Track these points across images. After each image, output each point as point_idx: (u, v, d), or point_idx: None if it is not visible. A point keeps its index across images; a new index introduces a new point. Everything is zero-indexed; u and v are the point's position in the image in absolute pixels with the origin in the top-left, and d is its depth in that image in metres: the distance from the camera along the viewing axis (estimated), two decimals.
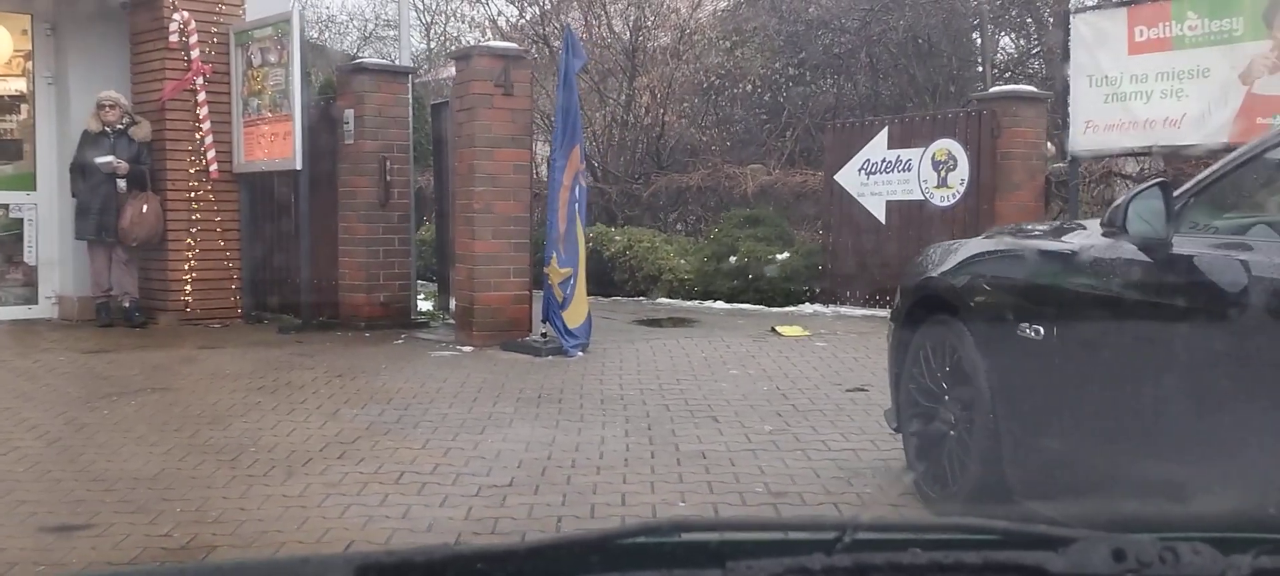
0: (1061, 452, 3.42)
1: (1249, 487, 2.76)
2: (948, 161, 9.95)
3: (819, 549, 0.97)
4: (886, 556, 0.97)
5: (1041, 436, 3.50)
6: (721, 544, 1.02)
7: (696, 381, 6.72)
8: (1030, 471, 3.57)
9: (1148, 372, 3.10)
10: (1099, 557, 0.96)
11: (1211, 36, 8.37)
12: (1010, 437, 3.62)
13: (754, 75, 14.09)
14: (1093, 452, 3.30)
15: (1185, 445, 2.98)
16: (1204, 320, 2.93)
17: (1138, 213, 3.01)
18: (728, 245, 11.48)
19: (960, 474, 3.90)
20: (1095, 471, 3.30)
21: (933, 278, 4.16)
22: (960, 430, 3.92)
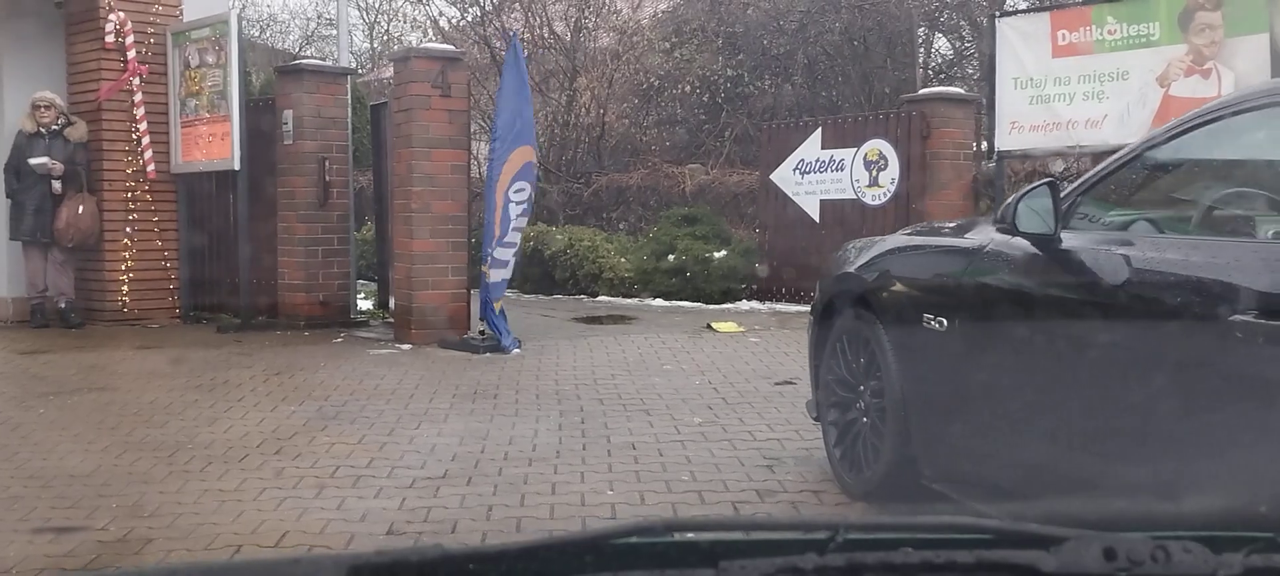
0: (965, 437, 3.62)
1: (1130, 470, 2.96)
2: (879, 161, 10.20)
3: (811, 548, 0.98)
4: (879, 555, 0.98)
5: (947, 422, 3.69)
6: (714, 544, 1.02)
7: (631, 376, 6.88)
8: (938, 456, 3.76)
9: (1039, 361, 3.30)
10: (1091, 556, 0.96)
11: (1130, 40, 8.67)
12: (918, 424, 3.81)
13: (693, 76, 14.28)
14: (992, 437, 3.49)
15: (1073, 430, 3.18)
16: (1089, 311, 3.13)
17: (1027, 210, 3.21)
18: (667, 244, 11.66)
19: (873, 459, 4.08)
20: (995, 457, 3.49)
21: (848, 273, 4.34)
22: (873, 418, 4.11)
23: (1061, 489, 3.18)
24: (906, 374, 3.86)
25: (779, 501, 4.22)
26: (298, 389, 6.47)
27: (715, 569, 0.96)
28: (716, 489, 4.39)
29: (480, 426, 5.48)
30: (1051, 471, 3.23)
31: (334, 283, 9.28)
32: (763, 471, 4.65)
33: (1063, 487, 3.18)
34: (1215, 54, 8.18)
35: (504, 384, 6.60)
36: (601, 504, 4.19)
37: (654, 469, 4.69)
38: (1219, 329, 2.62)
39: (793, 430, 5.32)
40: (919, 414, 3.80)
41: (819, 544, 0.99)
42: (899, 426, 3.90)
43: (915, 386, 3.82)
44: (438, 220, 8.14)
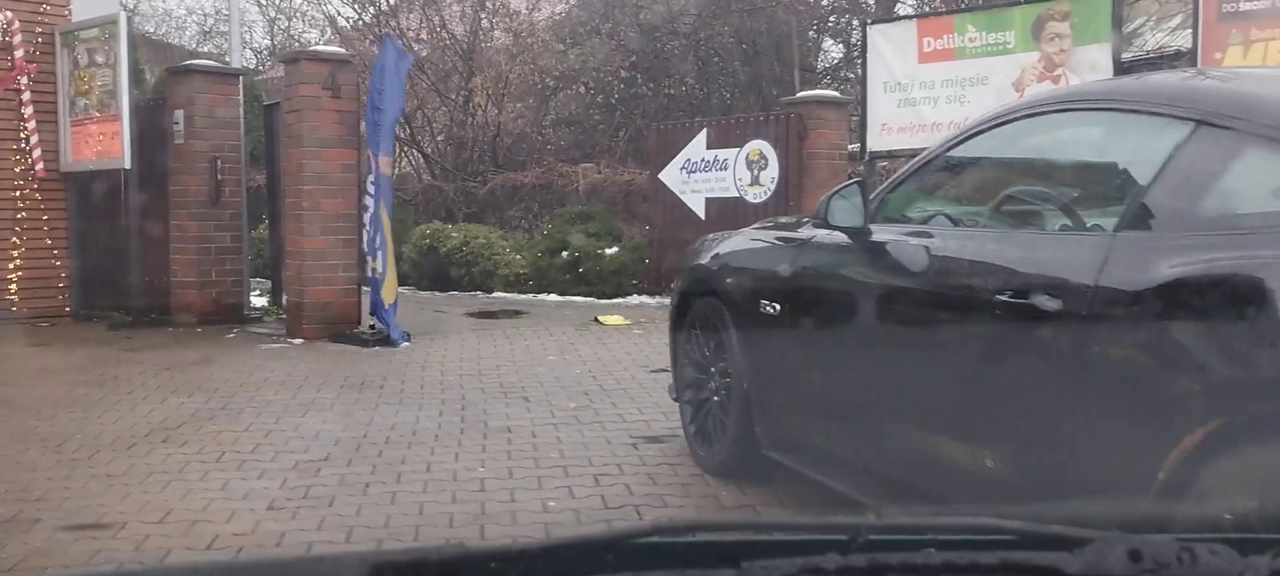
0: (795, 410, 4.01)
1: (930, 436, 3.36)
2: (760, 161, 10.66)
3: (833, 549, 0.98)
4: (901, 556, 0.97)
5: (780, 397, 4.08)
6: (735, 544, 1.02)
7: (515, 367, 7.19)
8: (774, 427, 4.14)
9: (852, 341, 3.70)
10: (1115, 558, 0.96)
11: (989, 47, 9.25)
12: (757, 400, 4.19)
13: (588, 77, 14.62)
14: (817, 410, 3.89)
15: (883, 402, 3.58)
16: (894, 295, 3.53)
17: (838, 207, 3.61)
18: (560, 241, 11.98)
19: (722, 434, 4.46)
20: (820, 427, 3.89)
21: (701, 265, 4.72)
22: (722, 397, 4.49)
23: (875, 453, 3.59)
24: (748, 355, 4.25)
25: (637, 474, 4.57)
26: (187, 383, 6.65)
27: (737, 569, 0.96)
28: (581, 465, 4.73)
29: (364, 414, 5.75)
30: (866, 438, 3.63)
31: (227, 280, 9.41)
32: (627, 448, 5.01)
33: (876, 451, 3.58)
34: (1064, 61, 8.79)
35: (391, 375, 6.86)
36: (472, 479, 4.50)
37: (525, 449, 5.01)
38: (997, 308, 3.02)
39: (661, 413, 5.68)
40: (758, 390, 4.19)
41: (841, 544, 0.99)
42: (742, 403, 4.28)
43: (754, 366, 4.21)
44: (328, 218, 8.35)
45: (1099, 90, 3.45)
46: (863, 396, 3.63)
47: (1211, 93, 2.76)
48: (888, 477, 3.51)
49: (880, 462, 3.57)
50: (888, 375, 3.51)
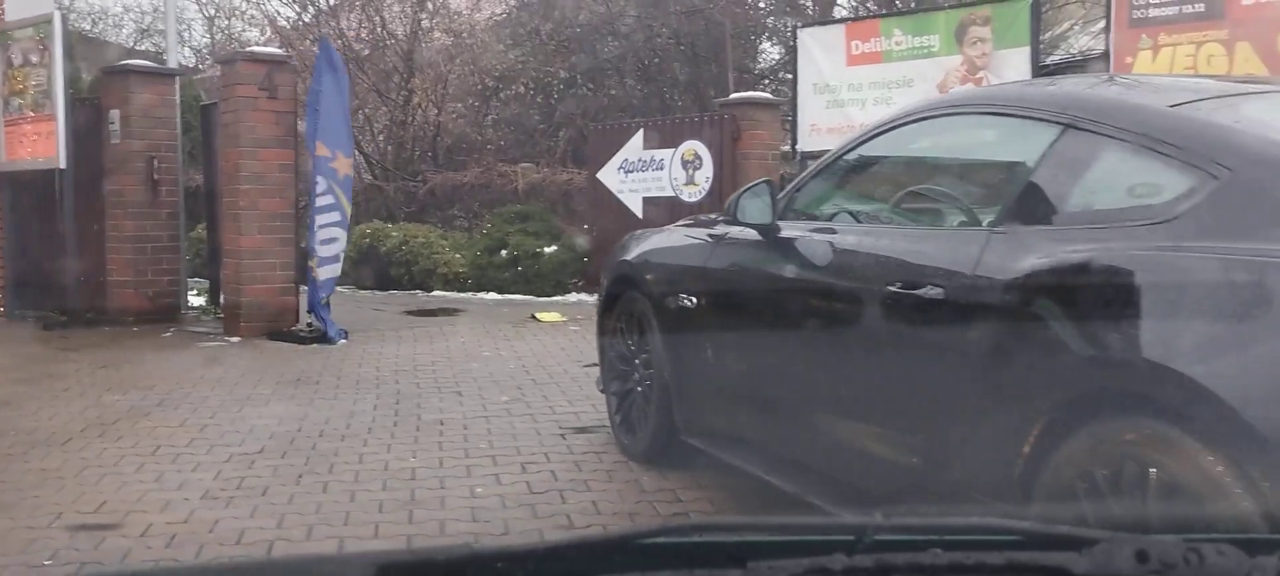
0: (712, 398, 4.21)
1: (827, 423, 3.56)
2: (695, 161, 10.87)
3: (840, 549, 0.98)
4: (908, 557, 0.97)
5: (697, 387, 4.28)
6: (742, 544, 1.02)
7: (450, 363, 7.33)
8: (693, 415, 4.34)
9: (762, 331, 3.91)
10: (1123, 559, 0.95)
11: (914, 51, 9.54)
12: (677, 390, 4.38)
13: (528, 77, 14.76)
14: (731, 397, 4.09)
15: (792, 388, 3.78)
16: (801, 287, 3.74)
17: (748, 205, 3.81)
18: (499, 240, 12.12)
19: (644, 423, 4.65)
20: (734, 413, 4.09)
21: (626, 261, 4.90)
22: (645, 387, 4.68)
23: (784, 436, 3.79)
24: (668, 347, 4.44)
25: (563, 462, 4.75)
26: (123, 380, 6.71)
27: (743, 569, 0.96)
28: (510, 454, 4.89)
29: (299, 409, 5.86)
30: (775, 423, 3.83)
31: (164, 279, 9.44)
32: (555, 438, 5.18)
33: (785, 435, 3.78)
34: (986, 64, 9.10)
35: (327, 371, 6.97)
36: (403, 469, 4.65)
37: (456, 440, 5.16)
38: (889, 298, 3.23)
39: (590, 405, 5.85)
40: (677, 380, 4.38)
41: (847, 544, 0.99)
42: (663, 392, 4.47)
43: (674, 357, 4.40)
44: (266, 217, 8.43)
45: (983, 95, 3.69)
46: (771, 383, 3.83)
47: (1077, 98, 2.99)
48: (795, 459, 3.71)
49: (788, 445, 3.77)
50: (793, 362, 3.72)
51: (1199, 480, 2.18)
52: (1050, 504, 2.53)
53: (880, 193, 3.81)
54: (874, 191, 3.85)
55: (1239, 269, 2.24)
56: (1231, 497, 2.12)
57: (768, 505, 3.93)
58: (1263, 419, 2.08)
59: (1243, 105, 2.70)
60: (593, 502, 4.21)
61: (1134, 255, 2.47)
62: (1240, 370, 2.15)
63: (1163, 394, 2.28)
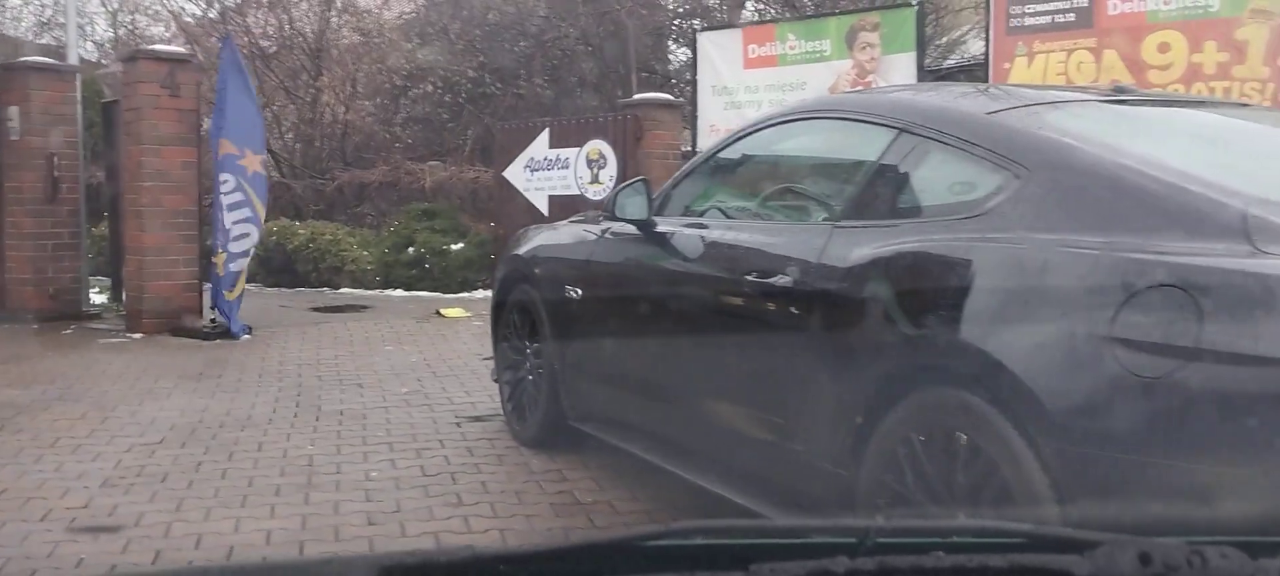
0: (595, 384, 4.47)
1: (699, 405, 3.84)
2: (599, 160, 11.12)
3: (842, 552, 0.98)
4: (910, 559, 0.97)
5: (582, 374, 4.53)
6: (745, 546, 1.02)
7: (353, 357, 7.49)
8: (578, 400, 4.59)
9: (638, 320, 4.17)
10: (1126, 561, 0.95)
11: (807, 55, 9.91)
12: (563, 377, 4.63)
13: (436, 76, 14.87)
14: (612, 383, 4.35)
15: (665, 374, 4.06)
16: (675, 279, 4.00)
17: (625, 202, 4.08)
18: (406, 237, 12.24)
19: (534, 409, 4.89)
20: (615, 398, 4.35)
21: (517, 255, 5.14)
22: (534, 375, 4.92)
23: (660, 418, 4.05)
24: (555, 336, 4.68)
25: (457, 447, 4.97)
26: (22, 376, 6.75)
27: (746, 571, 0.96)
28: (406, 441, 5.10)
29: (201, 401, 5.99)
30: (652, 406, 4.10)
31: (65, 276, 9.40)
32: (450, 426, 5.40)
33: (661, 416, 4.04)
34: (875, 69, 9.50)
35: (230, 366, 7.08)
36: (301, 455, 4.83)
37: (355, 429, 5.35)
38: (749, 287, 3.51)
39: (487, 395, 6.07)
40: (564, 368, 4.63)
41: (850, 547, 0.99)
42: (551, 380, 4.72)
43: (561, 346, 4.65)
44: (169, 214, 8.48)
45: (834, 102, 4.01)
46: (648, 368, 4.10)
47: (909, 105, 3.31)
48: (671, 439, 3.98)
49: (665, 426, 4.04)
50: (667, 349, 3.99)
51: (993, 442, 2.50)
52: (877, 467, 2.83)
53: (745, 190, 4.09)
54: (740, 189, 4.13)
55: (1029, 256, 2.56)
56: (1019, 457, 2.43)
57: (647, 483, 4.21)
58: (1044, 387, 2.40)
59: (1048, 113, 3.03)
60: (482, 483, 4.44)
61: (948, 246, 2.79)
62: (1026, 345, 2.47)
63: (966, 367, 2.59)
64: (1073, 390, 2.35)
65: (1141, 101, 3.32)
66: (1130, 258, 2.34)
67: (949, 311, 2.68)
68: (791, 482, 3.24)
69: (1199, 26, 8.01)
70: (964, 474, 2.59)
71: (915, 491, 2.70)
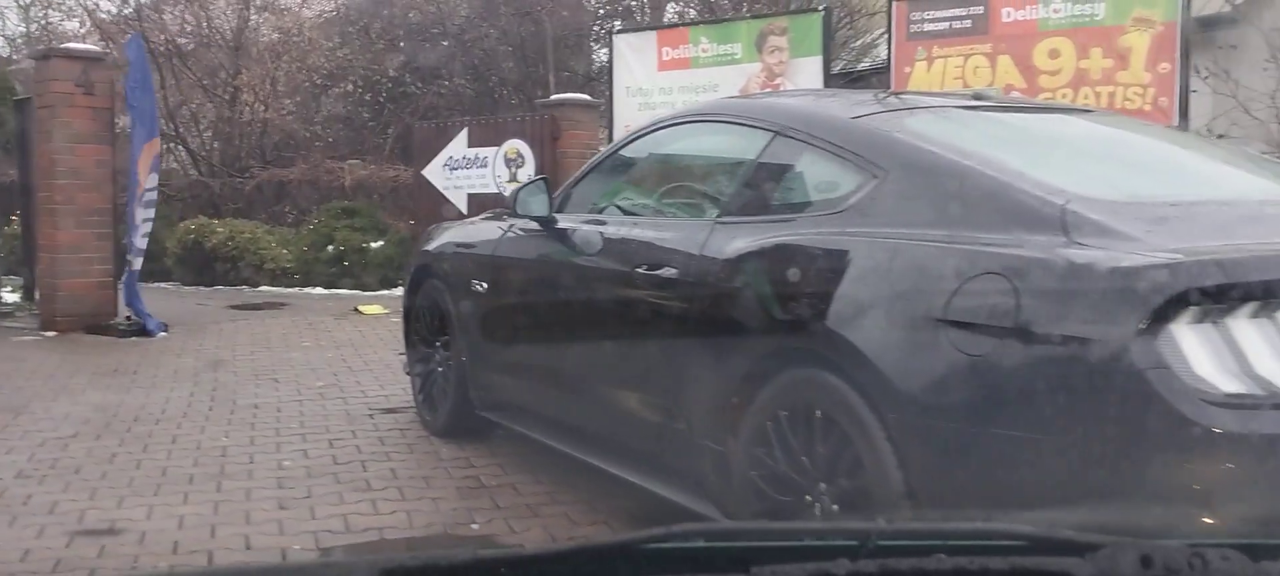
0: (500, 374, 4.67)
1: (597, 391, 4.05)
2: (517, 159, 11.30)
3: (843, 554, 0.98)
4: (912, 562, 0.97)
5: (488, 364, 4.73)
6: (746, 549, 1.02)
7: (270, 353, 7.59)
8: (485, 390, 4.78)
9: (541, 313, 4.39)
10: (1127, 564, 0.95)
11: (718, 58, 10.18)
12: (471, 368, 4.82)
13: (356, 75, 14.92)
14: (515, 373, 4.56)
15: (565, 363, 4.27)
16: (576, 272, 4.22)
17: (528, 199, 4.29)
18: (326, 235, 12.30)
19: (444, 399, 5.08)
20: (519, 388, 4.55)
21: (428, 251, 5.32)
22: (444, 367, 5.11)
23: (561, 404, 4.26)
24: (463, 328, 4.87)
25: (369, 438, 5.14)
26: None
27: (747, 573, 0.96)
28: (319, 432, 5.25)
29: (115, 397, 6.06)
30: (554, 393, 4.32)
31: None
32: (364, 418, 5.56)
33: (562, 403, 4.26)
34: (783, 72, 9.80)
35: (145, 362, 7.15)
36: (215, 447, 4.96)
37: (269, 421, 5.48)
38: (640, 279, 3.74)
39: (400, 389, 6.22)
40: (471, 359, 4.82)
41: (851, 549, 0.99)
42: (459, 371, 4.91)
43: (468, 337, 4.83)
44: (83, 212, 8.49)
45: (721, 106, 4.26)
46: (549, 358, 4.32)
47: (785, 109, 3.57)
48: (572, 424, 4.20)
49: (566, 412, 4.25)
50: (567, 339, 4.21)
51: (847, 417, 2.75)
52: (749, 442, 3.08)
53: (640, 188, 4.32)
54: (636, 187, 4.36)
55: (880, 249, 2.82)
56: (868, 429, 2.69)
57: (551, 467, 4.41)
58: (890, 366, 2.66)
59: (906, 118, 3.30)
60: (392, 470, 4.61)
61: (811, 239, 3.05)
62: (875, 328, 2.73)
63: (824, 348, 2.85)
64: (914, 368, 2.62)
65: (994, 107, 3.62)
66: (962, 249, 2.61)
67: (810, 299, 2.93)
68: (677, 459, 3.48)
69: (1086, 34, 8.43)
70: (823, 445, 2.84)
71: (782, 462, 2.95)
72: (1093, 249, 2.42)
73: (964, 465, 2.50)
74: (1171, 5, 8.14)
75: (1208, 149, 3.55)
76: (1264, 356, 2.22)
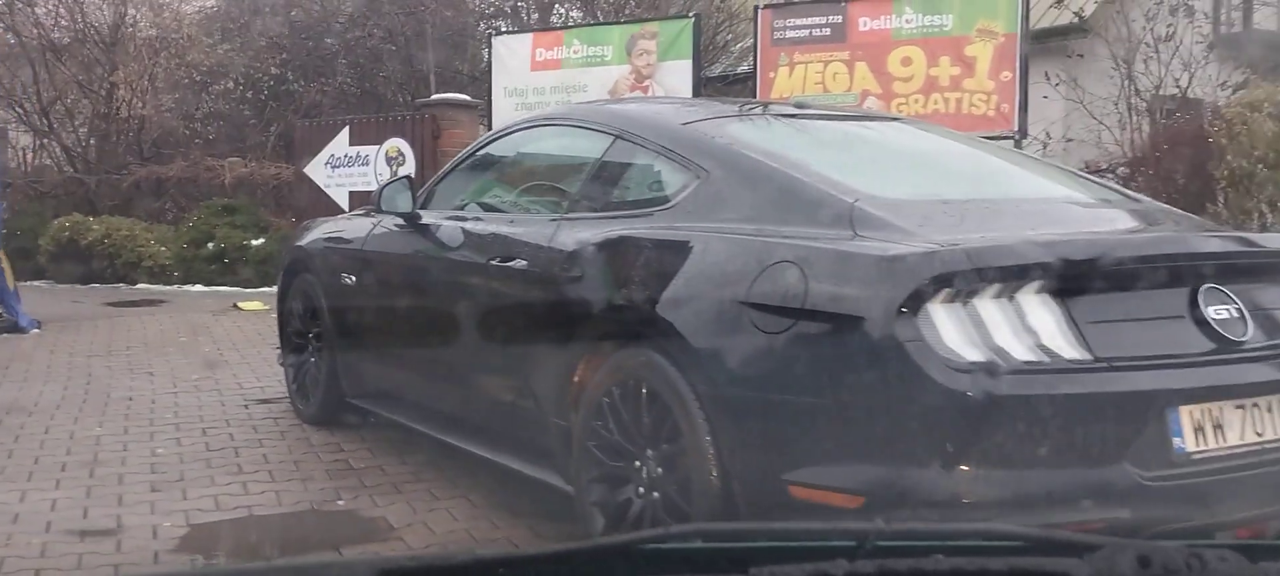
0: (367, 363, 4.92)
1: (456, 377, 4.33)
2: (398, 157, 11.48)
3: (841, 554, 0.98)
4: (910, 563, 0.97)
5: (356, 353, 4.97)
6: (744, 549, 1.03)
7: (146, 349, 7.67)
8: (354, 379, 5.02)
9: (404, 304, 4.65)
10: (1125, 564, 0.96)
11: (590, 60, 10.53)
12: (341, 358, 5.06)
13: (237, 72, 14.87)
14: (382, 361, 4.81)
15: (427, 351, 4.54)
16: (438, 266, 4.49)
17: (391, 197, 4.55)
18: (206, 232, 12.29)
19: (316, 389, 5.30)
20: (385, 376, 4.81)
21: (300, 245, 5.53)
22: (316, 357, 5.33)
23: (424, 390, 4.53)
24: (333, 319, 5.10)
25: (242, 427, 5.33)
26: None
27: (745, 574, 0.96)
28: (193, 422, 5.42)
29: None
30: (417, 379, 4.59)
31: None
32: (238, 409, 5.74)
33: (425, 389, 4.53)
34: (652, 74, 10.19)
35: (16, 359, 7.18)
36: (88, 437, 5.09)
37: (143, 412, 5.63)
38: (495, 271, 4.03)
39: (276, 381, 6.37)
40: (341, 348, 5.06)
41: (849, 550, 1.00)
42: (330, 360, 5.14)
43: (338, 328, 5.07)
44: None
45: (569, 111, 4.60)
46: (413, 346, 4.59)
47: (624, 115, 3.91)
48: (435, 409, 4.47)
49: (430, 397, 4.53)
50: (429, 328, 4.49)
51: (668, 390, 3.10)
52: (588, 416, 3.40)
53: (497, 187, 4.62)
54: (495, 185, 4.66)
55: (699, 241, 3.17)
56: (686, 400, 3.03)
57: (417, 449, 4.67)
58: (703, 344, 3.01)
59: (730, 124, 3.67)
60: (264, 455, 4.83)
61: (642, 233, 3.38)
62: (692, 311, 3.07)
63: (650, 330, 3.18)
64: (722, 345, 2.97)
65: (811, 115, 4.01)
66: (764, 240, 2.97)
67: (639, 286, 3.27)
68: (527, 435, 3.78)
69: (936, 44, 8.99)
70: (649, 415, 3.18)
71: (615, 433, 3.28)
72: (870, 240, 2.80)
73: (762, 427, 2.86)
74: (1012, 18, 8.74)
75: (993, 154, 4.00)
76: (1003, 330, 2.62)
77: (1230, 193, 7.20)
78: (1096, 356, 2.63)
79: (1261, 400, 2.78)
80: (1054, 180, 3.74)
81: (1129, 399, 2.64)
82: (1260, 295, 2.93)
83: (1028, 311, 2.64)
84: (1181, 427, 2.67)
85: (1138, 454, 2.62)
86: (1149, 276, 2.80)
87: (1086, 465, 2.61)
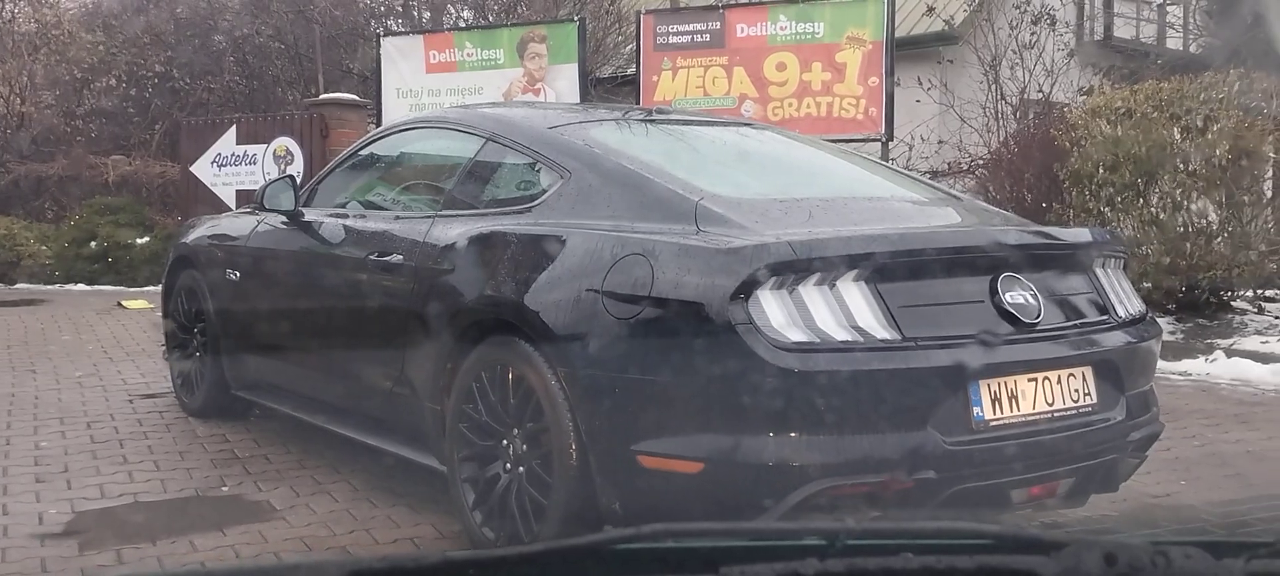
0: (251, 356, 5.08)
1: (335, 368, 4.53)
2: (286, 156, 11.53)
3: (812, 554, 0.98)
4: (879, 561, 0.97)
5: (241, 347, 5.13)
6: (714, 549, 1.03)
7: (27, 347, 7.65)
8: (239, 371, 5.17)
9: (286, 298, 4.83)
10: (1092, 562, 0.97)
11: (483, 62, 10.72)
12: (226, 350, 5.21)
13: (120, 70, 14.68)
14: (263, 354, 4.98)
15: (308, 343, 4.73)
16: (320, 262, 4.68)
17: (272, 195, 4.73)
18: (89, 231, 12.16)
19: (201, 382, 5.43)
20: (267, 367, 4.98)
21: (185, 243, 5.66)
22: (201, 351, 5.46)
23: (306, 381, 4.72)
24: (218, 314, 5.25)
25: (127, 421, 5.43)
26: None
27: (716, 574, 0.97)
28: (77, 416, 5.50)
29: None
30: (299, 371, 4.77)
31: None
32: (123, 403, 5.83)
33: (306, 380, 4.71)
34: (543, 77, 10.43)
35: None
36: None
37: (26, 408, 5.69)
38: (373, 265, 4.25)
39: (162, 377, 6.47)
40: (226, 342, 5.21)
41: (819, 549, 1.00)
42: (215, 354, 5.28)
43: (223, 322, 5.22)
44: None
45: (445, 114, 4.84)
46: (295, 338, 4.78)
47: (495, 118, 4.17)
48: (317, 398, 4.66)
49: (311, 387, 4.71)
50: (309, 320, 4.68)
51: (532, 374, 3.36)
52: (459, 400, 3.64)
53: (378, 185, 4.84)
54: (375, 184, 4.87)
55: (560, 236, 3.44)
56: (547, 382, 3.30)
57: (301, 437, 4.86)
58: (563, 330, 3.28)
59: (592, 128, 3.95)
60: (149, 446, 4.96)
61: (509, 229, 3.64)
62: (553, 300, 3.34)
63: (516, 319, 3.45)
64: (580, 331, 3.25)
65: (666, 120, 4.33)
66: (616, 235, 3.26)
67: (507, 279, 3.53)
68: (404, 421, 4.01)
69: (809, 50, 9.42)
70: (515, 397, 3.44)
71: (485, 414, 3.53)
72: (711, 235, 3.11)
73: (615, 404, 3.15)
74: (879, 26, 9.20)
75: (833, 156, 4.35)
76: (823, 314, 2.95)
77: (1073, 192, 7.73)
78: (905, 336, 2.98)
79: (1052, 374, 3.17)
80: (887, 180, 4.11)
81: (934, 374, 3.00)
82: (1054, 282, 3.33)
83: (845, 297, 2.97)
84: (981, 398, 3.03)
85: (942, 421, 2.97)
86: (954, 266, 3.17)
87: (897, 431, 2.95)
